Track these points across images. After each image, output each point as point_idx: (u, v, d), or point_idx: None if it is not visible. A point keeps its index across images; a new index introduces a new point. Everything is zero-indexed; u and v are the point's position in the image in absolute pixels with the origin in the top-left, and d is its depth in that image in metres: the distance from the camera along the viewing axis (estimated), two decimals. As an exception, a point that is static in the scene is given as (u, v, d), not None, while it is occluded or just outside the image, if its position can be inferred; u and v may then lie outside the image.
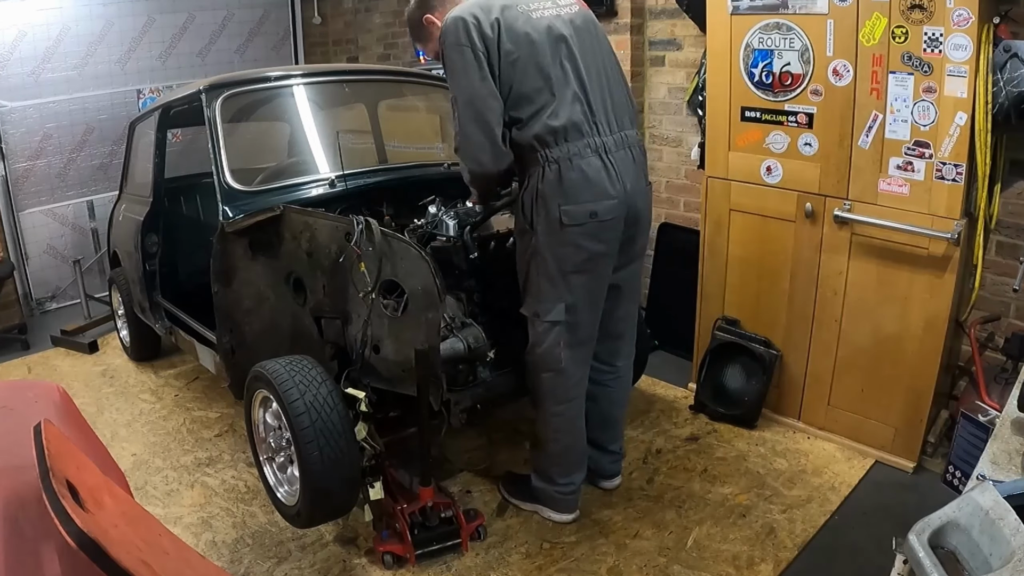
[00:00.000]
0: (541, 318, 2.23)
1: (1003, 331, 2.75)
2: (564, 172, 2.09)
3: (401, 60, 5.39)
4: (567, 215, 2.09)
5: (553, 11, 2.16)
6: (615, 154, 2.15)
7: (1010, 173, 2.62)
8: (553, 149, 2.09)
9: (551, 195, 2.10)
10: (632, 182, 2.18)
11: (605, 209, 2.12)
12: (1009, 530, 1.07)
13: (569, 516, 2.49)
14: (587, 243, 2.14)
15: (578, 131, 2.10)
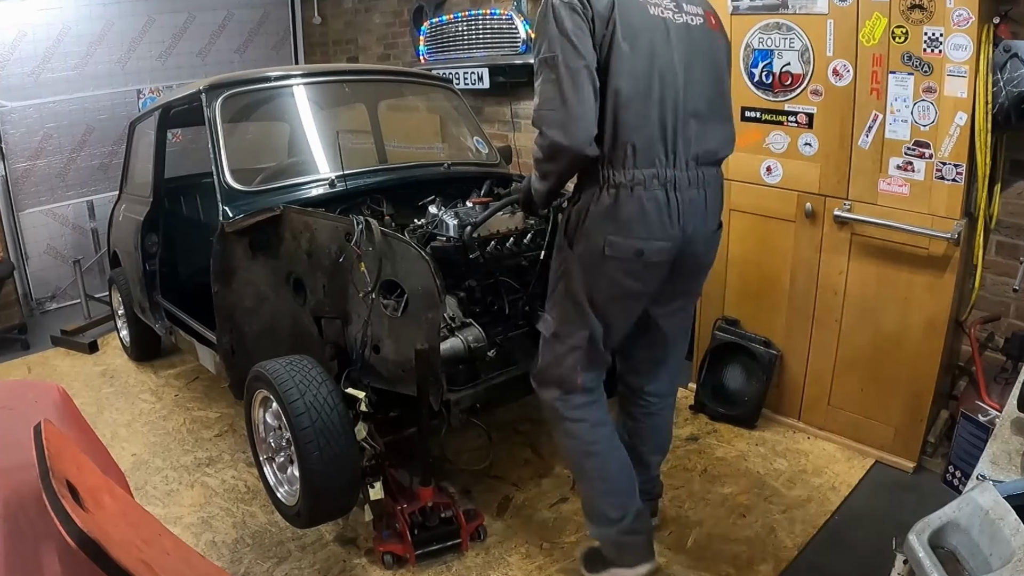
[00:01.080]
0: (561, 340, 2.03)
1: (1003, 331, 2.75)
2: (621, 200, 1.83)
3: (401, 60, 5.39)
4: (611, 247, 1.85)
5: (671, 13, 1.87)
6: (684, 191, 1.88)
7: (1010, 173, 2.62)
8: (617, 171, 1.82)
9: (600, 221, 1.86)
10: (695, 226, 1.92)
11: (653, 251, 1.87)
12: (1009, 530, 1.07)
13: (646, 566, 2.14)
14: (624, 280, 1.91)
15: (649, 158, 1.83)
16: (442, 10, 4.86)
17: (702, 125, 1.90)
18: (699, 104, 1.89)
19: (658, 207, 1.85)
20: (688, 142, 1.87)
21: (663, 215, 1.86)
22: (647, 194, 1.83)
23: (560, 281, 2.01)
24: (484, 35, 4.22)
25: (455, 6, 4.79)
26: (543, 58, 1.78)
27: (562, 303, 2.01)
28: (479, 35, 4.25)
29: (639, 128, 1.80)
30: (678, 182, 1.86)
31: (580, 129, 1.75)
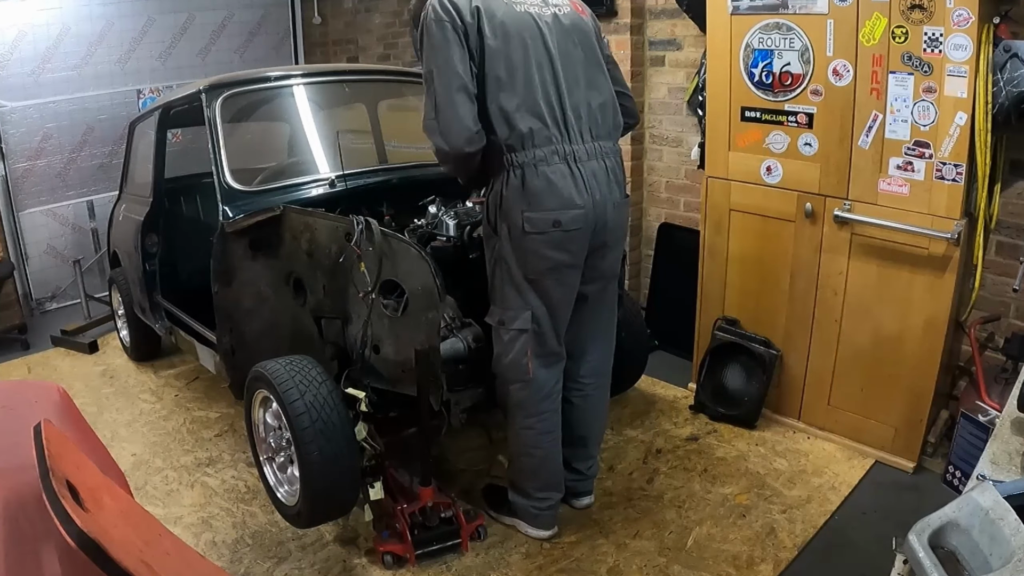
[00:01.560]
0: (507, 326, 2.16)
1: (1003, 331, 2.75)
2: (528, 178, 2.02)
3: (401, 60, 5.38)
4: (529, 222, 2.03)
5: (537, 8, 2.09)
6: (585, 164, 2.08)
7: (1010, 173, 2.62)
8: (518, 153, 2.02)
9: (514, 201, 2.04)
10: (603, 194, 2.11)
11: (569, 219, 2.05)
12: (1009, 530, 1.07)
13: (546, 532, 2.41)
14: (550, 252, 2.07)
15: (545, 136, 2.03)
16: (442, 10, 4.85)
17: (589, 103, 2.12)
18: (581, 84, 2.11)
19: (563, 178, 2.04)
20: (579, 119, 2.09)
21: (569, 185, 2.05)
22: (550, 168, 2.03)
23: (495, 267, 2.16)
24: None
25: (455, 6, 4.78)
26: (424, 72, 2.03)
27: (501, 288, 2.16)
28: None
29: (527, 113, 2.01)
30: (577, 155, 2.07)
31: (455, 133, 1.98)
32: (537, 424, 2.27)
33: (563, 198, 2.04)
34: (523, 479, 2.38)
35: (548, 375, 2.26)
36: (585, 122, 2.11)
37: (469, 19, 1.97)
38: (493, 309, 2.21)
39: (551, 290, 2.14)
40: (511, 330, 2.17)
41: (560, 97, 2.06)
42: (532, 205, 2.03)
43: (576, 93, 2.10)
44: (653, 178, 3.94)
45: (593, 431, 2.49)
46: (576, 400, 2.42)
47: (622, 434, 3.08)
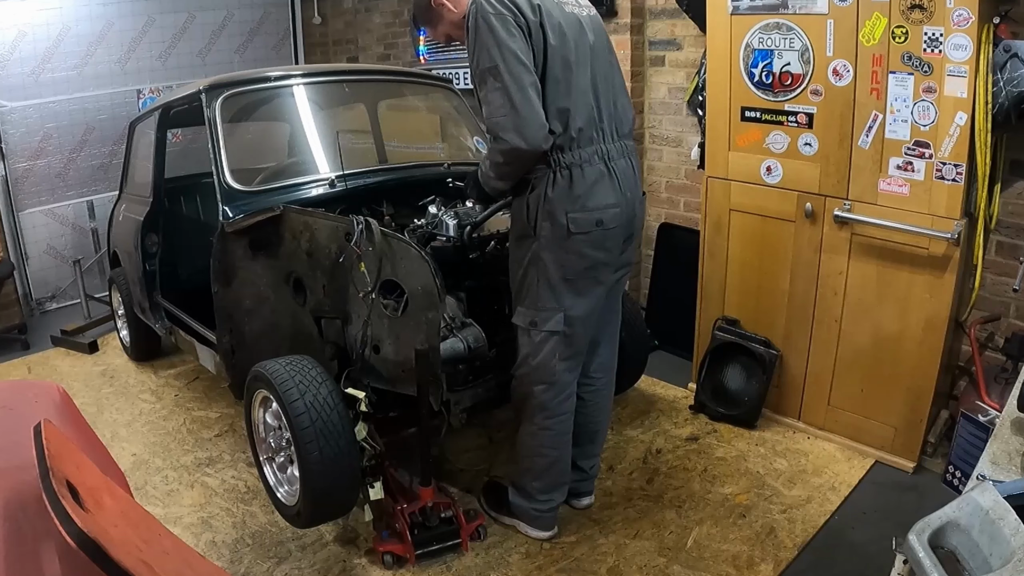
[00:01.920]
0: (539, 327, 2.15)
1: (1003, 331, 2.75)
2: (575, 179, 2.03)
3: (401, 60, 5.39)
4: (575, 223, 2.04)
5: (578, 9, 2.11)
6: (617, 162, 2.12)
7: (1010, 173, 2.62)
8: (566, 154, 2.03)
9: (560, 201, 2.04)
10: (632, 191, 2.16)
11: (610, 217, 2.09)
12: (1009, 530, 1.07)
13: (546, 533, 2.42)
14: (591, 251, 2.09)
15: (589, 137, 2.06)
16: (442, 10, 4.85)
17: (617, 102, 2.17)
18: (611, 84, 2.15)
19: (603, 178, 2.08)
20: (612, 118, 2.13)
21: (608, 184, 2.08)
22: (592, 169, 2.06)
23: (529, 269, 2.14)
24: (484, 35, 4.21)
25: (455, 6, 4.78)
26: (485, 68, 1.93)
27: (535, 290, 2.14)
28: (479, 35, 4.23)
29: (579, 113, 2.03)
30: (611, 154, 2.11)
31: (534, 130, 1.92)
32: (556, 425, 2.28)
33: (604, 198, 2.08)
34: (529, 480, 2.36)
35: (570, 377, 2.27)
36: (614, 121, 2.15)
37: (532, 16, 1.93)
38: (523, 311, 2.18)
39: (588, 289, 2.15)
40: (543, 331, 2.15)
41: (597, 97, 2.09)
42: (578, 206, 2.05)
43: (607, 93, 2.13)
44: (653, 178, 3.94)
45: (601, 427, 2.51)
46: (587, 396, 2.42)
47: (622, 434, 3.08)
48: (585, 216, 2.05)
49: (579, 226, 2.05)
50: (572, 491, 2.52)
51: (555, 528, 2.44)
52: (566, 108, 2.00)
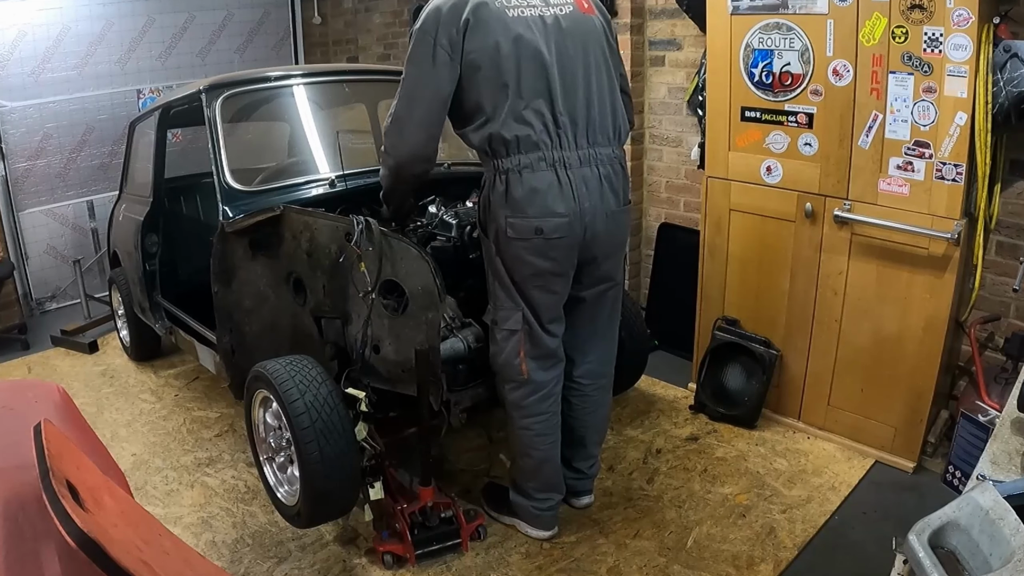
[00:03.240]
0: (500, 326, 2.17)
1: (1003, 331, 2.75)
2: (511, 184, 2.02)
3: (401, 60, 5.38)
4: (512, 228, 2.03)
5: (538, 11, 2.03)
6: (576, 170, 2.05)
7: (1010, 173, 2.62)
8: (504, 160, 2.02)
9: (498, 206, 2.05)
10: (592, 202, 2.07)
11: (552, 227, 2.02)
12: (1009, 530, 1.07)
13: (546, 533, 2.41)
14: (533, 258, 2.06)
15: (532, 143, 2.00)
16: (442, 10, 4.85)
17: (588, 108, 2.07)
18: (580, 89, 2.05)
19: (549, 185, 2.01)
20: (573, 125, 2.04)
21: (555, 193, 2.02)
22: (535, 176, 2.01)
23: (487, 268, 2.18)
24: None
25: (455, 6, 4.78)
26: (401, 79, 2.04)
27: (493, 289, 2.17)
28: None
29: (508, 124, 1.98)
30: (567, 161, 2.03)
31: (406, 144, 2.04)
32: (534, 425, 2.27)
33: (545, 206, 2.02)
34: (524, 479, 2.38)
35: (546, 376, 2.25)
36: (581, 128, 2.06)
37: (455, 34, 1.95)
38: (488, 308, 2.23)
39: (536, 295, 2.13)
40: (503, 330, 2.18)
41: (553, 103, 2.02)
42: (514, 211, 2.03)
43: (572, 98, 2.05)
44: (653, 178, 3.94)
45: (591, 431, 2.47)
46: (575, 400, 2.41)
47: (622, 434, 3.08)
48: (523, 222, 2.02)
49: (517, 232, 2.03)
50: (571, 489, 2.52)
51: (555, 528, 2.44)
52: (496, 119, 1.98)
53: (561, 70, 2.03)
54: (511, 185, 2.02)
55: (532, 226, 2.02)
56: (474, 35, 1.96)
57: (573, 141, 2.05)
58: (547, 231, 2.02)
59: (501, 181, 2.03)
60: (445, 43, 1.96)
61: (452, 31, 1.95)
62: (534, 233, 2.02)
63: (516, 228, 2.03)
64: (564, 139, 2.03)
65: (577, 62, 2.06)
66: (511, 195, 2.02)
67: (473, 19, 1.95)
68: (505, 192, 2.03)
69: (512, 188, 2.02)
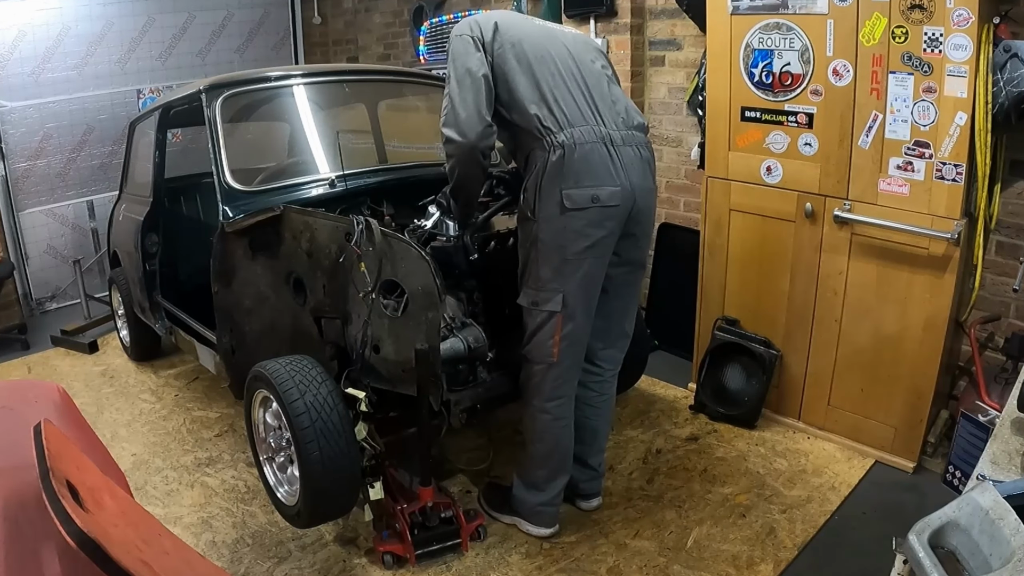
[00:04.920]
0: (539, 307, 2.21)
1: (1003, 331, 2.75)
2: (568, 156, 2.09)
3: (401, 60, 5.39)
4: (569, 199, 2.09)
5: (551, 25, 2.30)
6: (620, 148, 2.15)
7: (1010, 173, 2.62)
8: (558, 134, 2.10)
9: (554, 179, 2.10)
10: (638, 178, 2.18)
11: (608, 195, 2.12)
12: (1009, 530, 1.07)
13: (547, 531, 2.43)
14: (589, 229, 2.13)
15: (582, 118, 2.13)
16: (442, 10, 4.86)
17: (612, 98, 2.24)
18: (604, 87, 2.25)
19: (601, 158, 2.12)
20: (610, 108, 2.20)
21: (607, 165, 2.13)
22: (588, 147, 2.11)
23: (531, 251, 2.20)
24: (484, 35, 4.22)
25: (455, 6, 4.79)
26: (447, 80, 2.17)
27: (536, 271, 2.20)
28: (479, 35, 4.24)
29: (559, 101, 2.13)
30: (613, 139, 2.15)
31: (474, 127, 2.11)
32: (554, 408, 2.31)
33: (601, 176, 2.11)
34: (534, 468, 2.39)
35: (569, 361, 2.28)
36: (617, 113, 2.21)
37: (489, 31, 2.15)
38: (526, 291, 2.24)
39: (585, 269, 2.18)
40: (543, 311, 2.20)
41: (588, 88, 2.18)
42: (572, 183, 2.10)
43: (601, 90, 2.22)
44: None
45: (603, 422, 2.53)
46: (593, 386, 2.46)
47: (622, 434, 3.08)
48: (580, 192, 2.10)
49: (574, 202, 2.10)
50: (582, 491, 2.54)
51: (556, 526, 2.45)
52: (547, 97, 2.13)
53: (584, 68, 2.22)
54: (567, 156, 2.09)
55: (589, 195, 2.10)
56: (509, 29, 2.17)
57: (612, 122, 2.18)
58: (604, 199, 2.11)
59: (556, 155, 2.10)
60: (479, 35, 2.14)
61: (481, 30, 2.15)
62: (591, 201, 2.10)
63: (573, 199, 2.09)
64: (605, 118, 2.17)
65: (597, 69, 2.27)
66: (567, 166, 2.09)
67: (500, 21, 2.18)
68: (562, 163, 2.10)
69: (568, 158, 2.09)
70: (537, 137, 2.13)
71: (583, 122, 2.13)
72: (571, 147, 2.10)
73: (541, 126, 2.12)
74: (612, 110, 2.20)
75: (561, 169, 2.10)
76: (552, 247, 2.14)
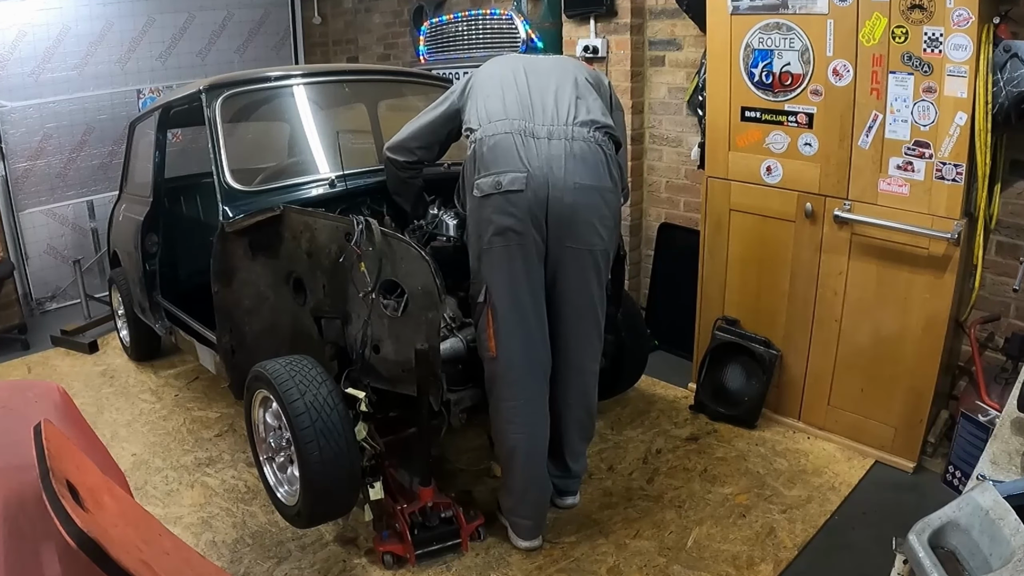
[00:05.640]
0: (474, 299, 2.23)
1: (1003, 331, 2.75)
2: (478, 148, 2.18)
3: (401, 60, 5.39)
4: (478, 187, 2.15)
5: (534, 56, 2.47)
6: (539, 140, 2.16)
7: (1010, 173, 2.62)
8: (476, 131, 2.21)
9: (471, 171, 2.20)
10: (559, 170, 2.12)
11: (509, 180, 2.12)
12: (1009, 530, 1.07)
13: (524, 543, 2.37)
14: (495, 216, 2.13)
15: (503, 114, 2.20)
16: (442, 10, 4.86)
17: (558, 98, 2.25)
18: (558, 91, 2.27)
19: (509, 146, 2.16)
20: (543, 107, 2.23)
21: (514, 152, 2.15)
22: (499, 137, 2.18)
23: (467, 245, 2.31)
24: (484, 35, 4.22)
25: (455, 6, 4.79)
26: None
27: (470, 262, 2.27)
28: (479, 35, 4.24)
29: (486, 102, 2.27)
30: (535, 132, 2.18)
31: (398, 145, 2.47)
32: (505, 410, 2.23)
33: (505, 162, 2.15)
34: (504, 473, 2.37)
35: (516, 357, 2.19)
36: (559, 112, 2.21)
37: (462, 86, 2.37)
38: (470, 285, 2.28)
39: (501, 257, 2.16)
40: (477, 302, 2.23)
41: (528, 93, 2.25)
42: (480, 171, 2.17)
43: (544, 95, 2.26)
44: (653, 178, 3.94)
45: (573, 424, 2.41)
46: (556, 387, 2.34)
47: (622, 434, 3.08)
48: (486, 180, 2.15)
49: (481, 190, 2.16)
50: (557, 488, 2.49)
51: (538, 539, 2.38)
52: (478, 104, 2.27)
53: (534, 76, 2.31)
54: (477, 148, 2.19)
55: (493, 181, 2.14)
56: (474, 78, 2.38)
57: (544, 119, 2.21)
58: (505, 184, 2.13)
59: (471, 148, 2.22)
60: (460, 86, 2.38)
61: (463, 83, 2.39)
62: (494, 188, 2.14)
63: (481, 186, 2.16)
64: (536, 116, 2.21)
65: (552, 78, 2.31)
66: (478, 158, 2.19)
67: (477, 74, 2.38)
68: (473, 156, 2.21)
69: (477, 152, 2.19)
70: (467, 138, 2.26)
71: (502, 117, 2.20)
72: (482, 140, 2.19)
73: (467, 128, 2.26)
74: (551, 110, 2.21)
75: (474, 161, 2.20)
76: (473, 236, 2.23)
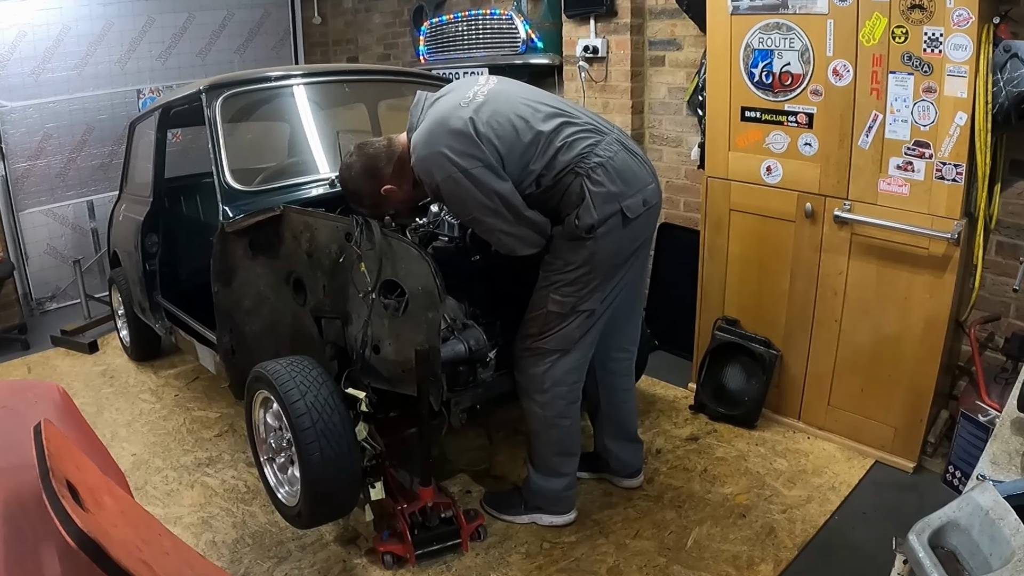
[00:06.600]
0: (577, 308, 2.22)
1: (1003, 331, 2.75)
2: (610, 168, 2.09)
3: (401, 60, 5.39)
4: (629, 209, 2.11)
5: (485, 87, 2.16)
6: (632, 148, 2.21)
7: (1010, 173, 2.62)
8: (590, 157, 2.08)
9: (608, 194, 2.08)
10: (643, 168, 2.23)
11: (650, 194, 2.19)
12: (1009, 530, 1.07)
13: (569, 516, 2.48)
14: (642, 232, 2.23)
15: (596, 131, 2.13)
16: (442, 10, 4.86)
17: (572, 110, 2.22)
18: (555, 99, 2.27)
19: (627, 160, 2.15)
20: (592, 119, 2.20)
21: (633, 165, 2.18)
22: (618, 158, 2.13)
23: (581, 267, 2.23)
24: (484, 35, 4.22)
25: (455, 6, 4.79)
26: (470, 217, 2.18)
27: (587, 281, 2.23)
28: (479, 35, 4.25)
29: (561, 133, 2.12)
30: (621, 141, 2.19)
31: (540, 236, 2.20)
32: (568, 394, 2.34)
33: (640, 178, 2.17)
34: (549, 453, 2.41)
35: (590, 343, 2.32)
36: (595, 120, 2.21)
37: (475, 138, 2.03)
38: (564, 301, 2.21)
39: (632, 268, 2.27)
40: (581, 311, 2.22)
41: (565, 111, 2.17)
42: (625, 192, 2.11)
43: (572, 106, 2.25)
44: (653, 178, 3.94)
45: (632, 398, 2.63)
46: (619, 368, 2.54)
47: (622, 434, 3.08)
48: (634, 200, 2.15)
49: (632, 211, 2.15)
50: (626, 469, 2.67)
51: (575, 512, 2.50)
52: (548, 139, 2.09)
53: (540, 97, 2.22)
54: (610, 168, 2.08)
55: (641, 200, 2.15)
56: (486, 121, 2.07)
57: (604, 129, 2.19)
58: (648, 199, 2.18)
59: (599, 173, 2.07)
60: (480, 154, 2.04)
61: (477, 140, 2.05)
62: (644, 206, 2.16)
63: (631, 208, 2.12)
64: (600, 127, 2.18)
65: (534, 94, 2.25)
66: (619, 174, 2.09)
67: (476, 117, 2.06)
68: (609, 177, 2.08)
69: (611, 170, 2.08)
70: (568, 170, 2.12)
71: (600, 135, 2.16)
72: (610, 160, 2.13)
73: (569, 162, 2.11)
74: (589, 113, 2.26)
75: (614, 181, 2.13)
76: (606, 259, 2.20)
